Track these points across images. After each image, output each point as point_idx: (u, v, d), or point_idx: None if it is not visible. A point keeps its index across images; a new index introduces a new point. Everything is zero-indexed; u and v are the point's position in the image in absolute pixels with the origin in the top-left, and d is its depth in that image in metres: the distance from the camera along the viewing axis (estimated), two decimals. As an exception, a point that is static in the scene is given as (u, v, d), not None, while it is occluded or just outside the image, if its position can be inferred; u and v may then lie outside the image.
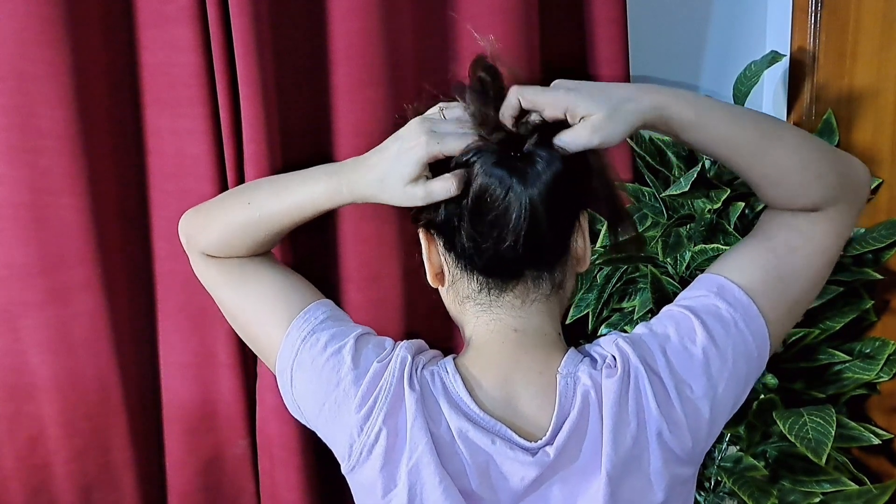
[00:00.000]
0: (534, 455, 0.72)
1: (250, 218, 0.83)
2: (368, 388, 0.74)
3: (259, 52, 1.06)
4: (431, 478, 0.71)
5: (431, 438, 0.71)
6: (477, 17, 1.17)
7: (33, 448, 1.15)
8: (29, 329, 1.11)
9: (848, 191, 0.78)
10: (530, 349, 0.76)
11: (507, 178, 0.69)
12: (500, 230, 0.70)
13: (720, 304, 0.75)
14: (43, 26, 1.02)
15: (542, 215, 0.69)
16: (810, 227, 0.78)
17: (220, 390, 1.20)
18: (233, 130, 1.10)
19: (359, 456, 0.73)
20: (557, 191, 0.69)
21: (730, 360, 0.74)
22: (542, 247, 0.73)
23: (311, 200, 0.80)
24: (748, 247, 0.80)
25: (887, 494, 1.22)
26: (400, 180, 0.72)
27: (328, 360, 0.76)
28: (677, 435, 0.72)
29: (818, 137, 0.79)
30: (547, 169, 0.69)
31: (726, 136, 0.74)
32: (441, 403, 0.73)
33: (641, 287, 1.27)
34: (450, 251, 0.77)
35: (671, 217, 1.26)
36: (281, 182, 0.85)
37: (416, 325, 1.21)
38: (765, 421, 1.19)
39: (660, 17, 1.44)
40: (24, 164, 1.06)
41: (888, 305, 1.31)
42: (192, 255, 0.90)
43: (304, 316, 0.80)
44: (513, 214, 0.69)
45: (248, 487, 1.24)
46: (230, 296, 0.87)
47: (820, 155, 0.77)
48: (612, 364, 0.74)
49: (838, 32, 1.37)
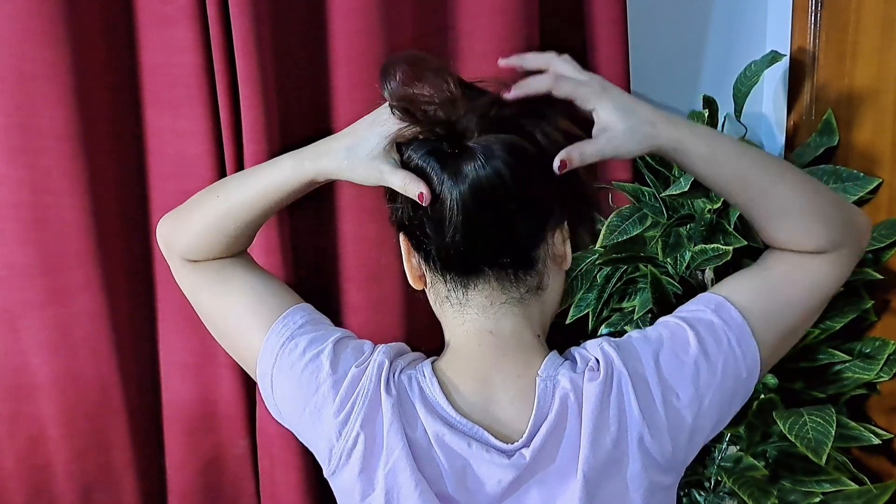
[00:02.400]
0: (510, 457, 0.72)
1: (219, 211, 0.83)
2: (346, 393, 0.74)
3: (259, 52, 1.06)
4: (408, 482, 0.71)
5: (408, 443, 0.72)
6: (477, 17, 1.17)
7: (33, 448, 1.15)
8: (29, 329, 1.11)
9: (851, 237, 0.80)
10: (508, 352, 0.76)
11: (438, 171, 0.70)
12: (441, 224, 0.71)
13: (715, 319, 0.76)
14: (43, 26, 1.02)
15: (477, 212, 0.70)
16: (813, 265, 0.79)
17: (220, 390, 1.20)
18: (233, 130, 1.10)
19: (338, 460, 0.74)
20: (499, 187, 0.69)
21: (718, 375, 0.75)
22: (491, 246, 0.73)
23: (273, 182, 0.80)
24: (749, 273, 0.82)
25: (887, 494, 1.21)
26: (367, 152, 0.73)
27: (307, 365, 0.76)
28: (658, 440, 0.72)
29: (822, 184, 0.80)
30: (486, 165, 0.69)
31: (735, 173, 0.76)
32: (418, 408, 0.74)
33: (641, 287, 1.27)
34: (418, 251, 0.78)
35: (671, 217, 1.26)
36: (248, 172, 0.85)
37: (416, 325, 1.21)
38: (765, 421, 1.19)
39: (660, 17, 1.44)
40: (24, 164, 1.06)
41: (888, 305, 1.31)
42: (171, 262, 0.90)
43: (283, 321, 0.80)
44: (446, 209, 0.70)
45: (248, 487, 1.24)
46: (209, 302, 0.86)
47: (825, 200, 0.79)
48: (595, 367, 0.74)
49: (838, 32, 1.37)
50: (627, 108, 0.72)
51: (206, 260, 0.86)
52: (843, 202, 0.83)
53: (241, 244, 0.87)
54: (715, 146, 0.75)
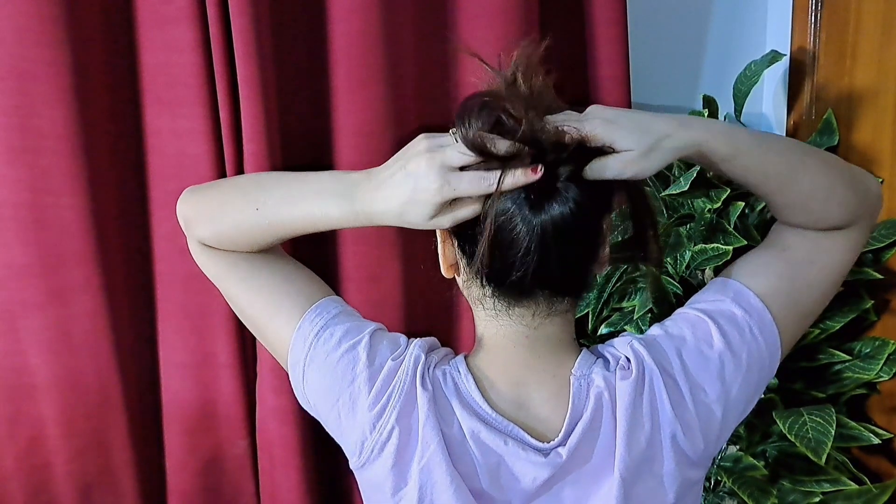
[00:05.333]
0: (546, 456, 0.72)
1: (258, 223, 0.80)
2: (382, 386, 0.74)
3: (259, 52, 1.06)
4: (443, 477, 0.71)
5: (443, 438, 0.71)
6: (477, 17, 1.17)
7: (33, 448, 1.15)
8: (29, 329, 1.11)
9: (866, 208, 0.79)
10: (543, 353, 0.76)
11: (523, 209, 0.68)
12: (511, 258, 0.69)
13: (736, 309, 0.76)
14: (43, 26, 1.02)
15: (555, 250, 0.69)
16: (829, 242, 0.79)
17: (219, 390, 1.20)
18: (233, 130, 1.10)
19: (370, 453, 0.73)
20: (574, 226, 0.68)
21: (744, 365, 0.75)
22: (555, 277, 0.72)
23: (324, 219, 0.77)
24: (765, 255, 0.81)
25: (887, 494, 1.22)
26: (420, 218, 0.70)
27: (343, 355, 0.76)
28: (690, 437, 0.73)
29: (836, 157, 0.80)
30: (567, 203, 0.67)
31: (757, 167, 0.75)
32: (453, 404, 0.73)
33: (641, 287, 1.27)
34: (464, 254, 0.76)
35: (671, 217, 1.26)
36: (293, 189, 0.79)
37: (416, 326, 1.21)
38: (765, 421, 1.19)
39: (660, 17, 1.44)
40: (24, 164, 1.06)
41: (888, 305, 1.31)
42: (191, 242, 0.87)
43: (317, 310, 0.79)
44: (522, 245, 0.68)
45: (248, 487, 1.24)
46: (237, 288, 0.84)
47: (844, 179, 0.78)
48: (626, 366, 0.74)
49: (838, 32, 1.37)
50: (642, 128, 0.69)
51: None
52: (858, 174, 0.81)
53: (272, 247, 0.86)
54: (736, 144, 0.73)
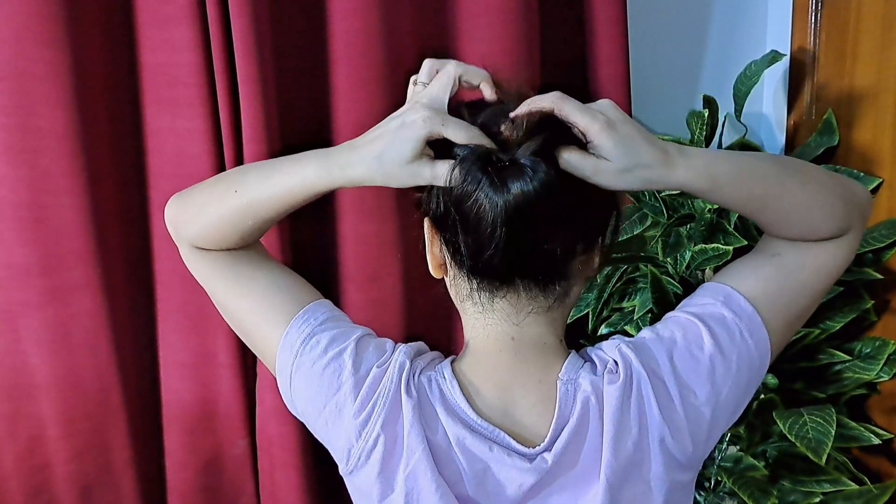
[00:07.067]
0: (531, 461, 0.72)
1: (238, 206, 0.79)
2: (367, 393, 0.74)
3: (259, 52, 1.06)
4: (428, 484, 0.71)
5: (428, 445, 0.71)
6: (477, 17, 1.17)
7: (33, 448, 1.15)
8: (29, 329, 1.11)
9: (856, 216, 0.79)
10: (529, 358, 0.76)
11: (485, 185, 0.68)
12: (479, 236, 0.69)
13: (726, 312, 0.76)
14: (43, 26, 1.02)
15: (520, 226, 0.68)
16: (820, 248, 0.79)
17: (219, 390, 1.20)
18: (233, 130, 1.10)
19: (357, 461, 0.73)
20: (543, 206, 0.68)
21: (734, 368, 0.75)
22: (528, 259, 0.72)
23: (301, 184, 0.76)
24: (755, 260, 0.81)
25: (887, 494, 1.22)
26: (399, 158, 0.69)
27: (329, 363, 0.75)
28: (679, 440, 0.72)
29: (820, 169, 0.80)
30: (531, 182, 0.67)
31: (736, 194, 0.75)
32: (438, 410, 0.73)
33: (641, 287, 1.27)
34: (446, 245, 0.76)
35: (671, 217, 1.26)
36: (269, 166, 0.80)
37: (416, 326, 1.21)
38: (765, 421, 1.19)
39: (660, 17, 1.44)
40: (24, 164, 1.06)
41: (888, 305, 1.31)
42: (181, 248, 0.87)
43: (304, 316, 0.79)
44: (489, 222, 0.68)
45: (247, 487, 1.24)
46: (225, 292, 0.84)
47: (831, 192, 0.78)
48: (614, 370, 0.74)
49: (838, 32, 1.37)
50: (629, 148, 0.69)
51: (218, 249, 0.84)
52: (846, 185, 0.81)
53: (255, 237, 0.84)
54: (714, 178, 0.73)
